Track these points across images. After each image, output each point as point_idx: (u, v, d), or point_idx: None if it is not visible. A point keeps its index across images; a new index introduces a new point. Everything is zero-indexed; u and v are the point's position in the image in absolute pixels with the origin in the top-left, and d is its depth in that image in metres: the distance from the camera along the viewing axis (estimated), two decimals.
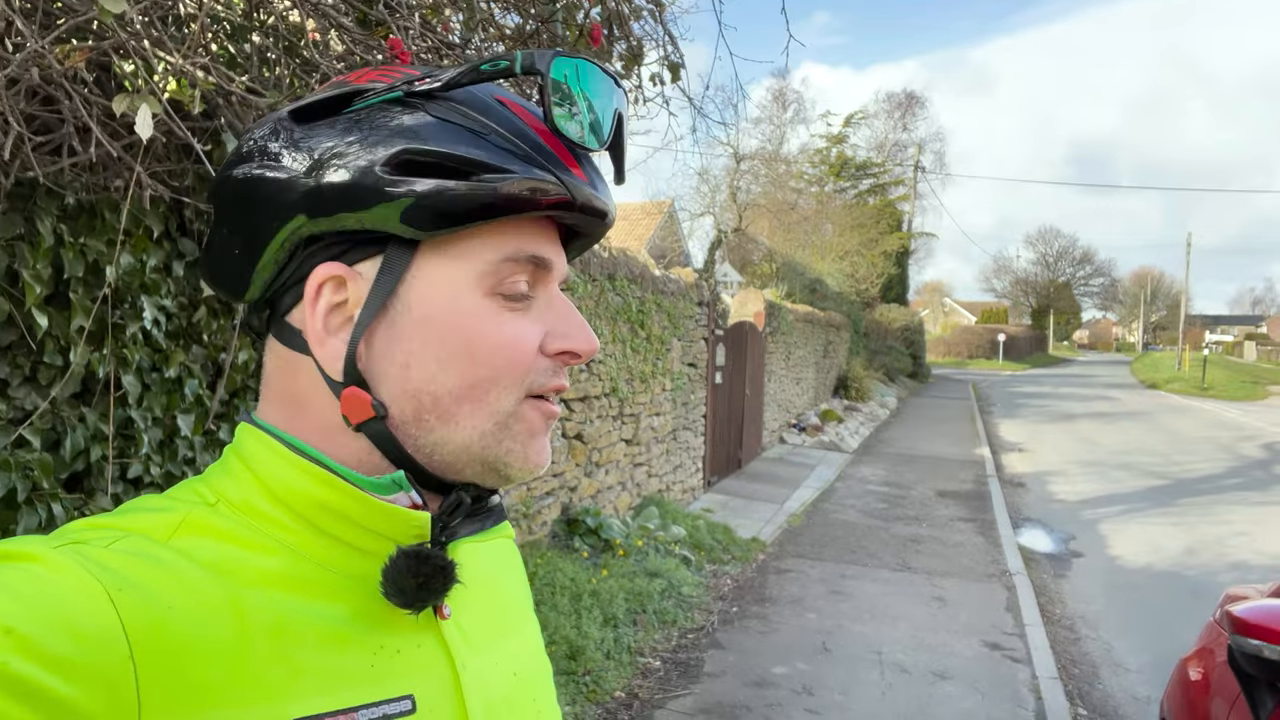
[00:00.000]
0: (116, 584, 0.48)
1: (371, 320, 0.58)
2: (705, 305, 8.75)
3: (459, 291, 0.59)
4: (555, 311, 0.62)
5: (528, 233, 0.60)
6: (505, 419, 0.60)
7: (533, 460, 0.62)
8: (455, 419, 0.59)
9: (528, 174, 0.58)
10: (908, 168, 33.73)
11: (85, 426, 2.08)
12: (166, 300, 2.29)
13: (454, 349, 0.58)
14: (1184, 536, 8.42)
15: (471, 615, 0.66)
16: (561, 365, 0.62)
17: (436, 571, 0.57)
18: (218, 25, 1.79)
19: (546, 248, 0.61)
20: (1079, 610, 6.23)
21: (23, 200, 1.85)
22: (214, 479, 0.61)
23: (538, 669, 0.72)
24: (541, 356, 0.61)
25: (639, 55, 2.43)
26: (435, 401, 0.59)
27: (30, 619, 0.44)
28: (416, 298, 0.58)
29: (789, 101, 26.74)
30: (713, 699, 4.25)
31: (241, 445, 0.62)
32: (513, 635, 0.70)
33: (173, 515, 0.56)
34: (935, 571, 6.72)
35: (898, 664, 4.80)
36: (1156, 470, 12.48)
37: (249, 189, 0.60)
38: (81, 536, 0.52)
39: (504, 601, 0.72)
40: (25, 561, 0.48)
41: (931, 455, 13.16)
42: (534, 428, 0.61)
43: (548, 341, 0.61)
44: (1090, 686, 4.87)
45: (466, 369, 0.59)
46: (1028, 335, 59.32)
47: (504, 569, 0.76)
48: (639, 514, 6.85)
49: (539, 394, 0.61)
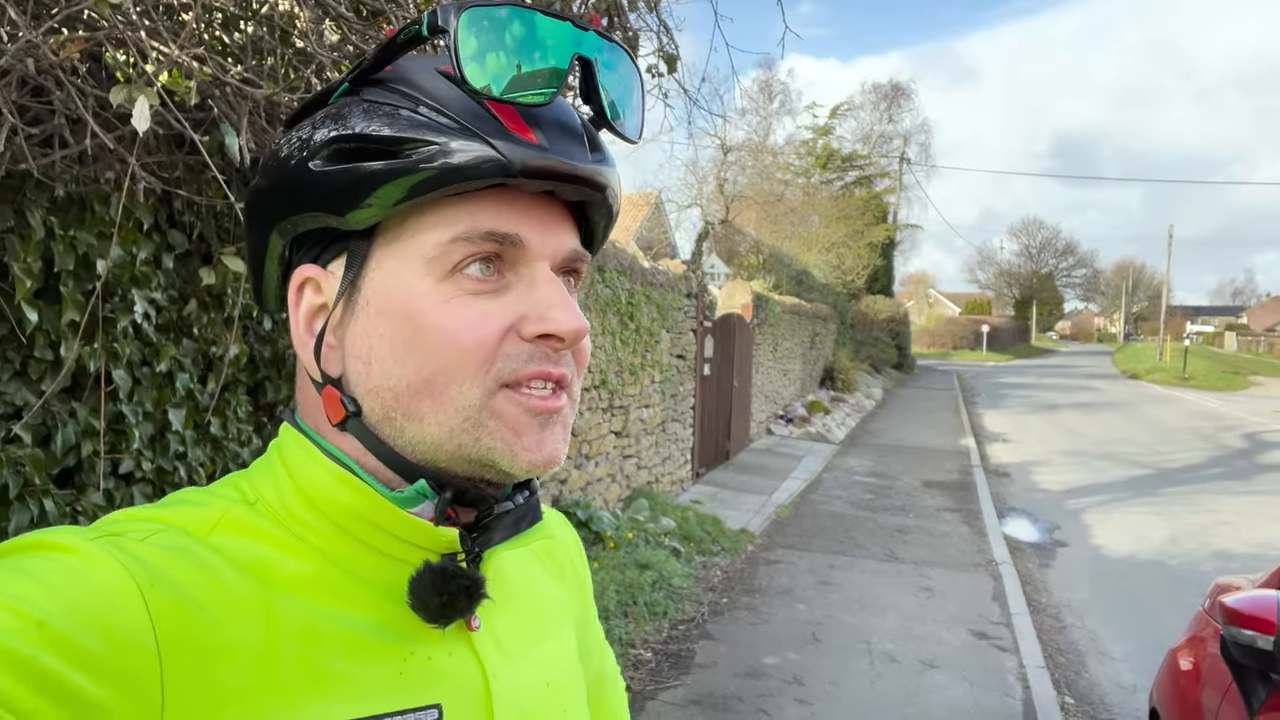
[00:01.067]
0: (149, 579, 0.48)
1: (342, 318, 0.58)
2: (694, 297, 8.75)
3: (410, 279, 0.56)
4: (536, 293, 0.56)
5: (487, 209, 0.55)
6: (475, 414, 0.55)
7: (525, 457, 0.56)
8: (420, 417, 0.56)
9: (447, 144, 0.53)
10: (893, 160, 33.83)
11: (76, 421, 2.05)
12: (157, 294, 2.27)
13: (406, 340, 0.55)
14: (1167, 526, 8.51)
15: (506, 622, 0.65)
16: (550, 350, 0.56)
17: (461, 590, 0.56)
18: (210, 14, 1.76)
19: (514, 222, 0.56)
20: (1064, 599, 6.29)
21: (12, 193, 1.81)
22: (256, 476, 0.61)
23: (571, 678, 0.70)
24: (518, 342, 0.56)
25: (635, 46, 2.42)
26: (397, 399, 0.56)
27: (62, 613, 0.44)
28: (373, 291, 0.57)
29: (775, 93, 26.77)
30: (704, 690, 4.27)
31: (283, 445, 0.62)
32: (548, 642, 0.69)
33: (212, 510, 0.56)
34: (922, 561, 6.77)
35: (887, 654, 4.83)
36: (1139, 460, 12.60)
37: (248, 203, 0.62)
38: (120, 529, 0.52)
39: (541, 607, 0.71)
40: (61, 552, 0.48)
41: (917, 446, 13.23)
42: (515, 423, 0.56)
43: (523, 325, 0.56)
44: (1077, 675, 4.92)
45: (421, 361, 0.55)
46: (1011, 326, 59.80)
47: (545, 572, 0.74)
48: (629, 506, 6.85)
49: (514, 383, 0.56)
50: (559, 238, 0.58)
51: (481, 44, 0.54)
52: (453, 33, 0.53)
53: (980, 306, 67.98)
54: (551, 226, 0.58)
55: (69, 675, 0.43)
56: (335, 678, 0.52)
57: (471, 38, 0.53)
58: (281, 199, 0.58)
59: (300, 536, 0.57)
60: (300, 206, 0.57)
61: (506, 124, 0.55)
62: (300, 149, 0.57)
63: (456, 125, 0.54)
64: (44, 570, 0.46)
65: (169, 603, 0.48)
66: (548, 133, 0.56)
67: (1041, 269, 76.38)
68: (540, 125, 0.56)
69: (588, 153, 0.57)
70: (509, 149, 0.54)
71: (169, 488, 2.32)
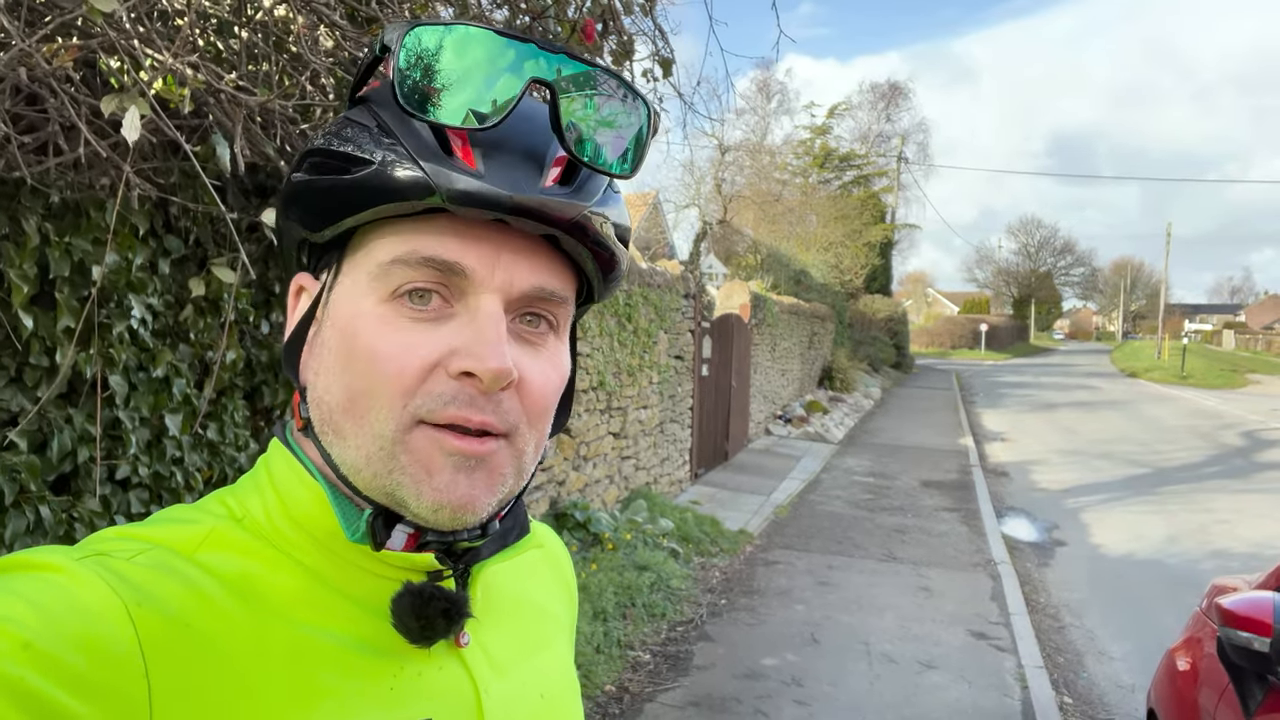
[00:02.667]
0: (136, 599, 0.48)
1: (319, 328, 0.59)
2: (691, 298, 8.75)
3: (357, 296, 0.55)
4: (472, 326, 0.53)
5: (431, 234, 0.53)
6: (389, 446, 0.53)
7: (430, 498, 0.53)
8: (345, 436, 0.55)
9: (381, 162, 0.53)
10: (891, 159, 33.82)
11: (72, 427, 2.05)
12: (153, 299, 2.27)
13: (342, 356, 0.55)
14: (1165, 524, 8.51)
15: (497, 636, 0.65)
16: (474, 393, 0.53)
17: (439, 614, 0.56)
18: (205, 21, 1.76)
19: (457, 250, 0.53)
20: (1063, 598, 6.29)
21: (7, 199, 1.82)
22: (243, 492, 0.60)
23: (565, 689, 0.70)
24: (444, 379, 0.53)
25: (630, 50, 2.42)
26: (330, 414, 0.56)
27: (48, 634, 0.44)
28: (334, 303, 0.57)
29: (773, 92, 26.77)
30: (703, 691, 4.27)
31: (271, 461, 0.62)
32: (542, 653, 0.69)
33: (199, 528, 0.56)
34: (921, 561, 6.77)
35: (885, 654, 4.83)
36: (1137, 459, 12.61)
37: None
38: (106, 548, 0.52)
39: (533, 618, 0.71)
40: (47, 572, 0.48)
41: (916, 445, 13.23)
42: (427, 462, 0.53)
43: (450, 359, 0.53)
44: (1075, 675, 4.92)
45: (349, 380, 0.54)
46: (1009, 325, 59.81)
47: (536, 583, 0.74)
48: (627, 507, 6.85)
49: (433, 422, 0.53)
50: (517, 270, 0.55)
51: (425, 65, 0.53)
52: (394, 53, 0.52)
53: (979, 305, 67.98)
54: (509, 257, 0.55)
55: (56, 695, 0.43)
56: (324, 694, 0.52)
57: (415, 59, 0.53)
58: (283, 205, 0.60)
59: (287, 553, 0.56)
60: (288, 215, 0.59)
61: (454, 148, 0.53)
62: (298, 157, 0.59)
63: (398, 145, 0.53)
64: (30, 590, 0.46)
65: (156, 621, 0.48)
66: (496, 160, 0.53)
67: (1040, 268, 76.37)
68: (490, 152, 0.53)
69: (541, 183, 0.54)
70: (438, 173, 0.52)
71: (166, 493, 2.32)
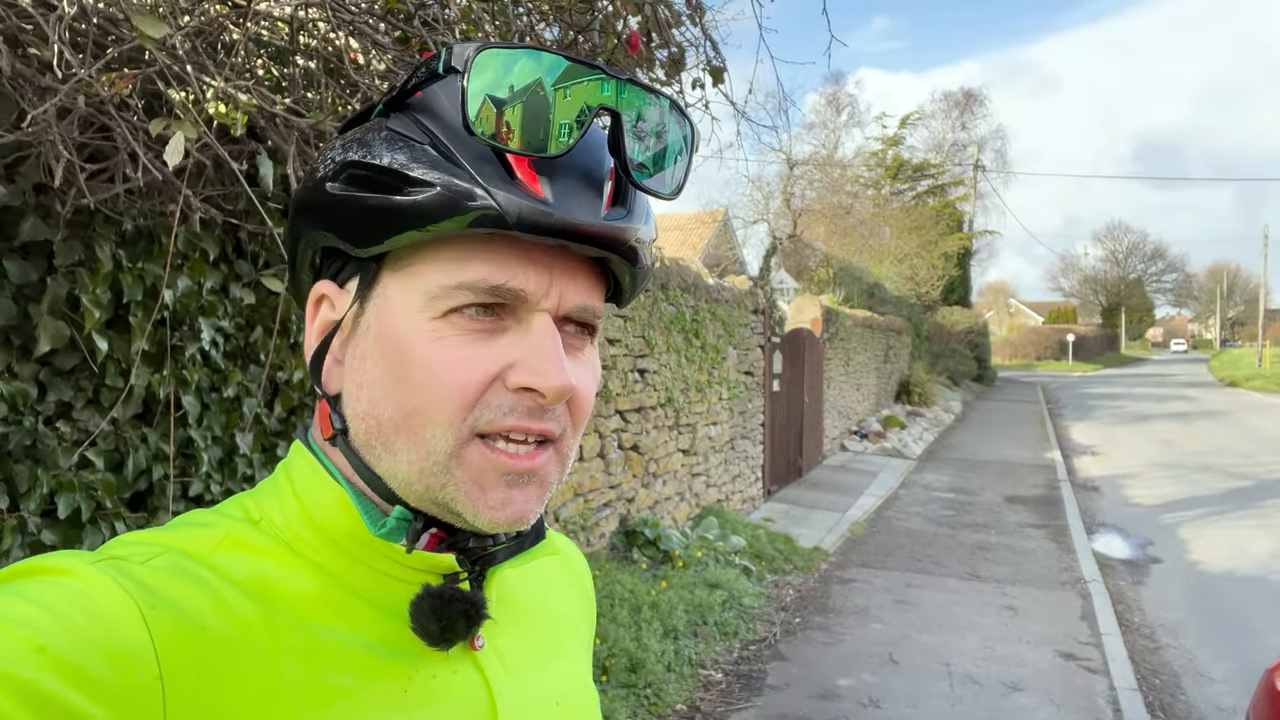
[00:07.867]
0: (150, 602, 0.48)
1: (349, 337, 0.58)
2: (761, 313, 8.68)
3: (408, 311, 0.55)
4: (529, 341, 0.54)
5: (494, 257, 0.54)
6: (444, 460, 0.54)
7: (487, 515, 0.54)
8: (395, 450, 0.55)
9: (446, 186, 0.52)
10: (967, 167, 33.12)
11: (147, 446, 2.13)
12: (224, 321, 2.34)
13: (395, 373, 0.55)
14: (1270, 539, 8.04)
15: (512, 640, 0.64)
16: (533, 404, 0.54)
17: (460, 615, 0.56)
18: (261, 49, 1.82)
19: (520, 275, 0.54)
20: (1159, 618, 5.99)
21: (81, 227, 1.90)
22: (262, 495, 0.61)
23: (582, 698, 0.69)
24: (502, 391, 0.54)
25: (680, 62, 2.41)
26: (379, 427, 0.56)
27: (63, 637, 0.45)
28: (375, 316, 0.57)
29: (843, 105, 26.52)
30: (777, 711, 4.18)
31: (291, 464, 0.62)
32: (558, 659, 0.68)
33: (215, 531, 0.56)
34: (1005, 579, 6.53)
35: (968, 675, 4.67)
36: (1239, 471, 11.95)
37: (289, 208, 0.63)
38: (121, 552, 0.52)
39: (548, 624, 0.70)
40: (62, 576, 0.48)
41: (999, 460, 12.83)
42: (481, 478, 0.54)
43: (509, 374, 0.54)
44: (1172, 697, 4.66)
45: (404, 395, 0.54)
46: (1098, 334, 57.81)
47: (553, 589, 0.73)
48: (698, 524, 6.80)
49: (490, 434, 0.54)
50: (567, 290, 0.56)
51: (495, 89, 0.52)
52: (465, 74, 0.52)
53: (1065, 315, 65.89)
54: (561, 278, 0.55)
55: (71, 699, 0.43)
56: (339, 695, 0.52)
57: (484, 82, 0.52)
58: (306, 212, 0.59)
59: (304, 555, 0.57)
60: (318, 224, 0.58)
61: (517, 171, 0.53)
62: (327, 166, 0.57)
63: (461, 169, 0.52)
64: (45, 595, 0.47)
65: (170, 624, 0.48)
66: (559, 185, 0.53)
67: (1129, 274, 73.49)
68: (553, 176, 0.53)
69: (603, 208, 0.55)
70: (508, 200, 0.52)
71: None
